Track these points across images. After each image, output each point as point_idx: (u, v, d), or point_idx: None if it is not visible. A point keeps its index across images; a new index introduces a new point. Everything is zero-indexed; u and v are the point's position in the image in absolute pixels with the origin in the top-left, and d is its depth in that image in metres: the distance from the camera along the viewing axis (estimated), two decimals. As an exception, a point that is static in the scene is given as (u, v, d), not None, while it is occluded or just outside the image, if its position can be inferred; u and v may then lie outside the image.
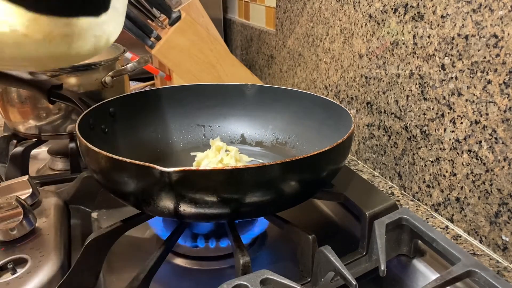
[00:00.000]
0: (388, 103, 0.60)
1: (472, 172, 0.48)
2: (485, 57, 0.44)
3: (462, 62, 0.47)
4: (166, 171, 0.33)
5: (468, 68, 0.46)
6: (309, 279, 0.41)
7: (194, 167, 0.55)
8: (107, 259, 0.41)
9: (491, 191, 0.46)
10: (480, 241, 0.48)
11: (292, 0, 0.86)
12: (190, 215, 0.37)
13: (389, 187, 0.62)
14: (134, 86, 1.10)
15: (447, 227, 0.52)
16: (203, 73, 0.88)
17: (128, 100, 0.57)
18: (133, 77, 1.14)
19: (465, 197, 0.49)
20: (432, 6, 0.50)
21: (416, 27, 0.53)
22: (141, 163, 0.34)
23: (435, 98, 0.51)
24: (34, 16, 0.18)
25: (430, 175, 0.54)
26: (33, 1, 0.18)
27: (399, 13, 0.55)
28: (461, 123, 0.48)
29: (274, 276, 0.34)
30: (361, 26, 0.63)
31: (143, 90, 0.60)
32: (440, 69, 0.50)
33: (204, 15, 1.00)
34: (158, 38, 0.80)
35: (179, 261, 0.47)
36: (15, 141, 0.67)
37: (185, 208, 0.36)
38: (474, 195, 0.48)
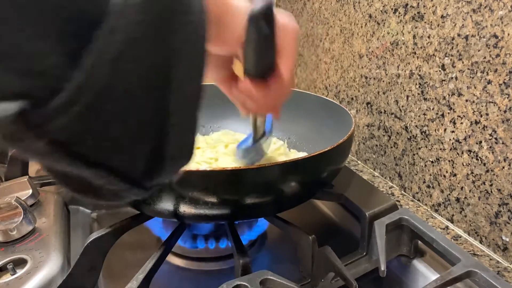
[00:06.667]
0: (388, 103, 0.60)
1: (472, 173, 0.48)
2: (485, 57, 0.44)
3: (462, 62, 0.47)
4: None
5: (468, 68, 0.46)
6: (309, 280, 0.41)
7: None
8: (107, 259, 0.41)
9: (491, 192, 0.46)
10: (480, 242, 0.48)
11: (292, 0, 0.86)
12: (190, 216, 0.37)
13: (389, 188, 0.62)
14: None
15: (447, 227, 0.52)
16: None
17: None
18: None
19: (465, 198, 0.49)
20: (432, 6, 0.50)
21: (416, 27, 0.53)
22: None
23: (435, 98, 0.51)
24: None
25: (430, 175, 0.54)
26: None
27: (399, 13, 0.55)
28: (461, 123, 0.48)
29: (274, 276, 0.34)
30: (361, 26, 0.63)
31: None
32: (440, 69, 0.50)
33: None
34: None
35: (179, 261, 0.47)
36: (15, 141, 0.67)
37: (185, 209, 0.36)
38: (474, 196, 0.48)
